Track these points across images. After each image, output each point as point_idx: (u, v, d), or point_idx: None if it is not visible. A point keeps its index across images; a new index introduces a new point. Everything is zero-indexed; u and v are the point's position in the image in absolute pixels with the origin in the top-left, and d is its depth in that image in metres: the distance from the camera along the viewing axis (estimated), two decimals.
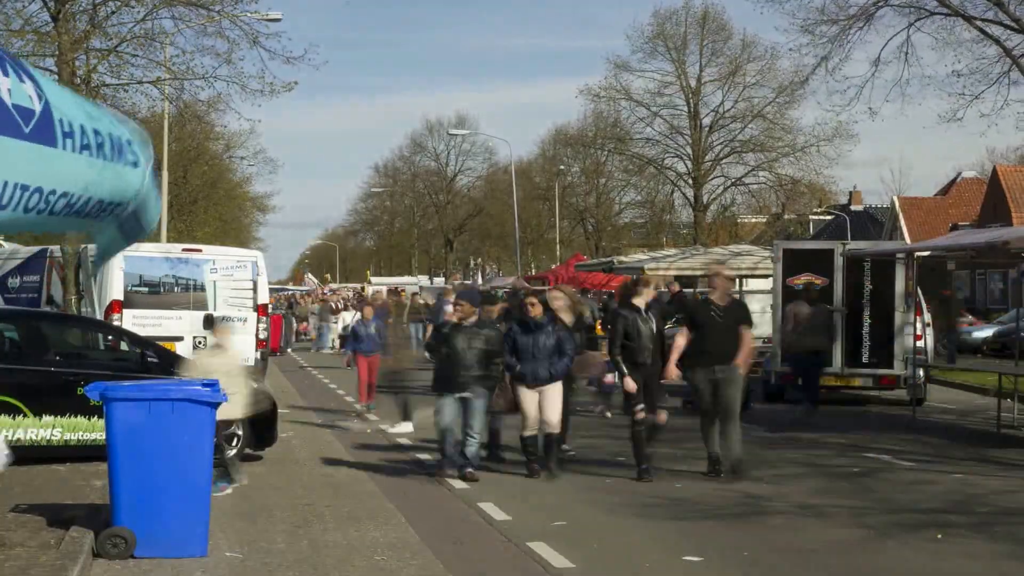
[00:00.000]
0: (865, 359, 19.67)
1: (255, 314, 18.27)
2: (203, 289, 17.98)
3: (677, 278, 27.09)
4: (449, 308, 15.85)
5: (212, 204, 59.21)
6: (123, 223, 8.13)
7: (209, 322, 17.76)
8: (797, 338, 18.36)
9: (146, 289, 17.64)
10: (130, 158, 7.75)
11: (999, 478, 13.06)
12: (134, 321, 16.90)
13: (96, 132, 7.39)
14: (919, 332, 19.79)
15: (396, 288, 45.81)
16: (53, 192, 7.02)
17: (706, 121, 54.72)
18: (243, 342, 17.93)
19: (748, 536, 9.75)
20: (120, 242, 8.62)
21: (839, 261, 19.99)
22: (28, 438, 12.14)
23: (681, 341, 12.51)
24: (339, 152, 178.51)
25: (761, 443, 14.88)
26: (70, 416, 12.29)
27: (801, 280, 19.95)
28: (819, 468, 13.44)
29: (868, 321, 19.65)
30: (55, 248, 20.43)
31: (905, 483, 12.50)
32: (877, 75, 27.54)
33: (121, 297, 17.19)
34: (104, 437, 8.84)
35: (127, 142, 7.76)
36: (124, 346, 13.92)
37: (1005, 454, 14.80)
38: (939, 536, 9.85)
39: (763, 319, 31.47)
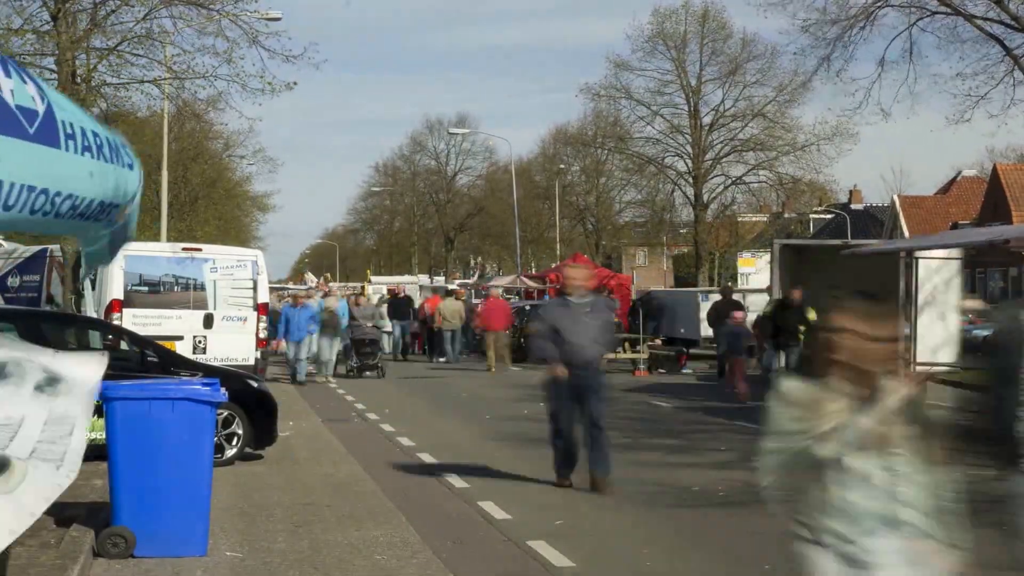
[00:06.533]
0: None
1: (255, 313, 18.26)
2: (203, 288, 17.98)
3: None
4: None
5: (212, 203, 59.22)
6: (115, 232, 8.18)
7: (209, 321, 17.76)
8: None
9: (146, 288, 17.63)
10: (126, 160, 7.79)
11: (994, 469, 13.11)
12: (134, 320, 16.89)
13: (95, 134, 7.42)
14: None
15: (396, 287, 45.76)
16: (59, 194, 7.03)
17: (706, 120, 54.73)
18: (243, 341, 17.93)
19: (749, 528, 9.76)
20: (106, 254, 8.67)
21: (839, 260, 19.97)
22: None
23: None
24: (339, 151, 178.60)
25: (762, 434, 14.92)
26: None
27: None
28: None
29: None
30: (55, 247, 20.44)
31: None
32: (883, 76, 27.52)
33: (121, 296, 17.19)
34: (104, 436, 8.84)
35: (121, 144, 7.80)
36: (124, 345, 13.92)
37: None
38: None
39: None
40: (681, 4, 54.19)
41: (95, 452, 11.55)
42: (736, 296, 28.36)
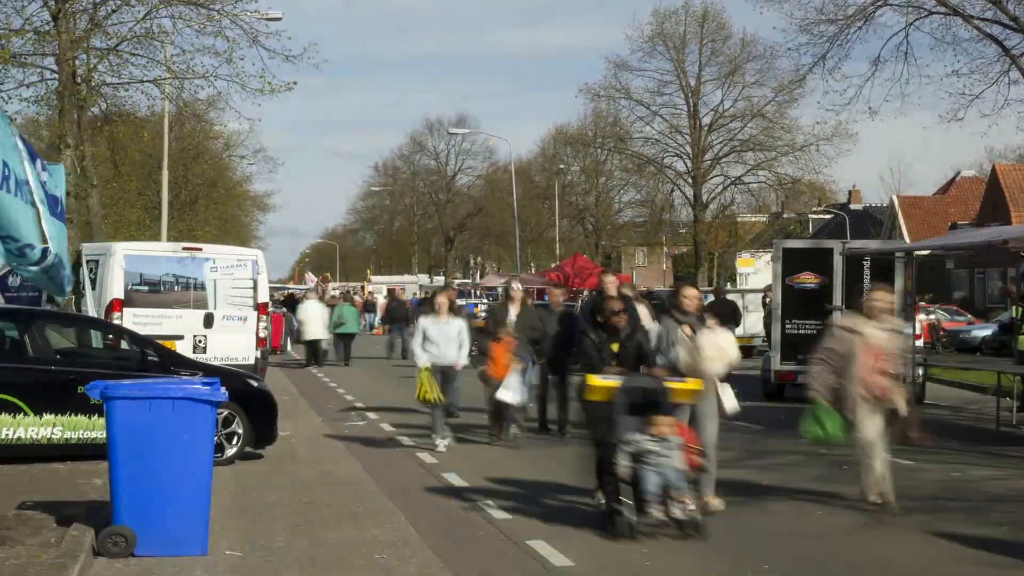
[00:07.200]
0: None
1: (255, 312, 18.27)
2: (203, 288, 17.97)
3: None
4: None
5: (212, 203, 59.28)
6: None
7: (209, 321, 17.77)
8: None
9: (146, 288, 17.62)
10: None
11: (993, 469, 13.19)
12: (134, 319, 16.89)
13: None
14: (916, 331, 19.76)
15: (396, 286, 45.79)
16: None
17: (705, 120, 54.80)
18: (243, 341, 17.94)
19: (748, 527, 9.80)
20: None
21: (838, 260, 20.00)
22: (29, 436, 12.17)
23: None
24: (339, 150, 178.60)
25: (762, 434, 15.00)
26: (71, 415, 12.31)
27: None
28: (819, 458, 13.45)
29: None
30: None
31: (901, 473, 12.53)
32: (877, 74, 27.51)
33: (121, 296, 17.19)
34: (104, 435, 8.86)
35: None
36: (124, 345, 13.94)
37: (1002, 450, 14.83)
38: (931, 521, 10.10)
39: (758, 319, 31.40)
40: (681, 4, 54.33)
41: (96, 451, 11.64)
42: (733, 296, 28.34)
